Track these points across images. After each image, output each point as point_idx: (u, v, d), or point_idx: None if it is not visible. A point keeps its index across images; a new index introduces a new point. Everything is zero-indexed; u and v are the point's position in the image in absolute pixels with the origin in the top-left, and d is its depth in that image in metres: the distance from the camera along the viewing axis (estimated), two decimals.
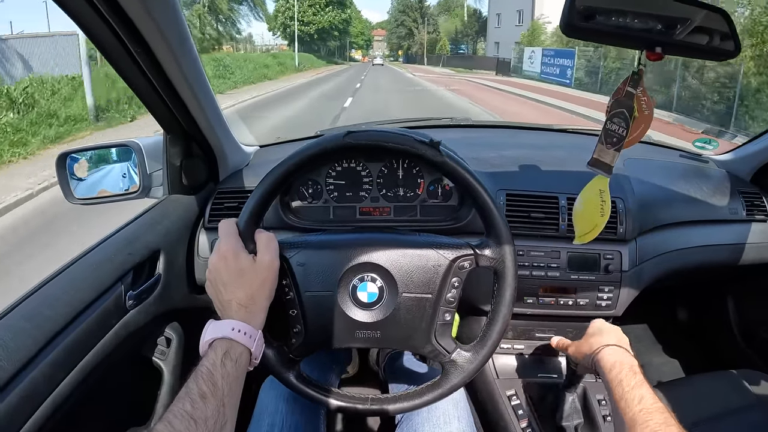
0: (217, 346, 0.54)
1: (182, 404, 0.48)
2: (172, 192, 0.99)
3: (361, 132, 0.63)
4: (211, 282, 0.61)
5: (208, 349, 0.55)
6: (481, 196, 0.63)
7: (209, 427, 0.47)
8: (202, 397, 0.49)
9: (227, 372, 0.52)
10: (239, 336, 0.56)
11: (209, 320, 0.58)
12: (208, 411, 0.48)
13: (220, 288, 0.60)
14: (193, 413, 0.47)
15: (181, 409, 0.47)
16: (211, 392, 0.49)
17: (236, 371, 0.54)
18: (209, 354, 0.54)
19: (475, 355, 0.65)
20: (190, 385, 0.50)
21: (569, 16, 0.62)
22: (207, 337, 0.56)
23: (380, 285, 0.65)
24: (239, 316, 0.58)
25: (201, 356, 0.55)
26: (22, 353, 0.59)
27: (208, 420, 0.48)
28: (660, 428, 0.54)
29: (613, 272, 0.96)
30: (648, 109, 0.73)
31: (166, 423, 0.46)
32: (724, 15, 0.67)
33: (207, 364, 0.52)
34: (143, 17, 0.64)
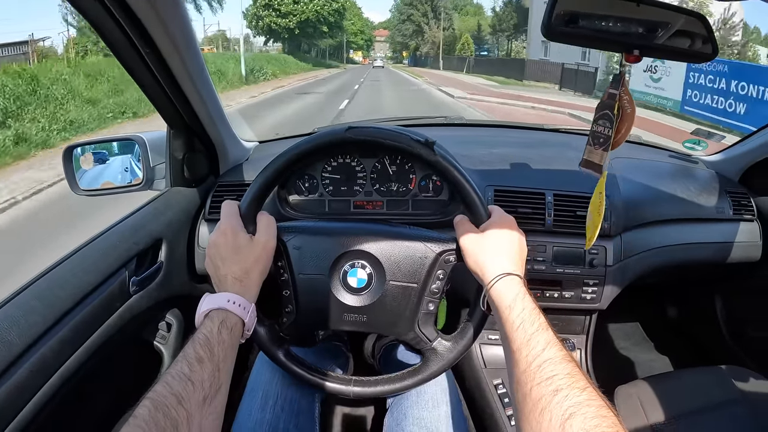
0: (214, 316, 0.57)
1: (180, 366, 0.49)
2: (174, 184, 1.03)
3: (362, 128, 0.67)
4: (210, 257, 0.64)
5: (204, 319, 0.57)
6: (470, 196, 0.66)
7: (205, 389, 0.49)
8: (199, 360, 0.51)
9: (223, 339, 0.55)
10: (234, 307, 0.58)
11: (205, 293, 0.61)
12: (205, 374, 0.50)
13: (218, 262, 0.63)
14: (190, 375, 0.49)
15: (179, 371, 0.49)
16: (207, 357, 0.52)
17: (231, 339, 0.56)
18: (206, 323, 0.56)
19: (454, 344, 0.69)
20: (188, 350, 0.52)
21: (550, 20, 0.65)
22: (203, 308, 0.58)
23: (369, 272, 0.68)
24: (234, 289, 0.60)
25: (197, 326, 0.57)
26: (33, 330, 0.63)
27: (204, 382, 0.49)
28: (565, 381, 0.46)
29: (597, 267, 0.99)
30: (630, 107, 0.76)
31: (164, 383, 0.47)
32: (703, 19, 0.70)
33: (204, 332, 0.54)
34: (152, 18, 0.68)
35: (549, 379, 0.47)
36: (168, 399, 0.46)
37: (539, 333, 0.52)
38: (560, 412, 0.44)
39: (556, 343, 0.51)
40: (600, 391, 0.46)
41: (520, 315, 0.55)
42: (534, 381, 0.48)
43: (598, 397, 0.45)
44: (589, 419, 0.42)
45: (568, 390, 0.45)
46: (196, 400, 0.48)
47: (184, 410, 0.46)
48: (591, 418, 0.42)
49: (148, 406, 0.45)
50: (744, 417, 0.96)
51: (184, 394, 0.47)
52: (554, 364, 0.48)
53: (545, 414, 0.44)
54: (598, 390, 0.46)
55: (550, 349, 0.50)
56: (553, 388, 0.46)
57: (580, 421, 0.42)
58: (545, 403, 0.45)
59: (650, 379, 1.06)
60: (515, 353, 0.53)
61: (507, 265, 0.61)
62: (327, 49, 53.63)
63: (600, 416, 0.42)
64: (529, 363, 0.50)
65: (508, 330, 0.55)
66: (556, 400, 0.45)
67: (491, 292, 0.60)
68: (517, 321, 0.55)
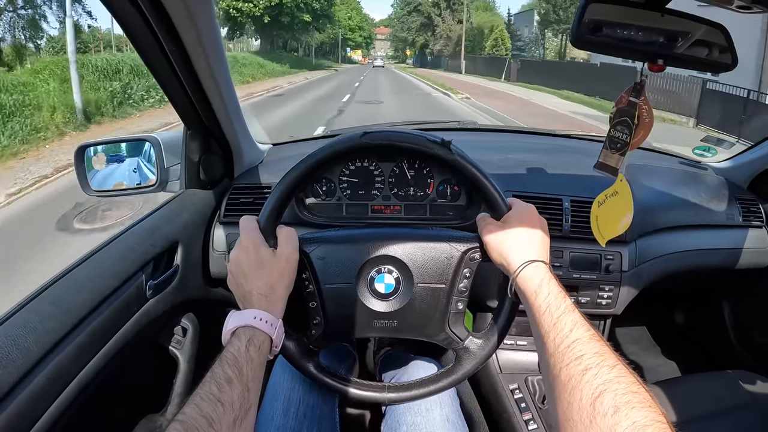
0: (241, 334, 0.56)
1: (209, 387, 0.49)
2: (189, 186, 1.03)
3: (377, 132, 0.67)
4: (232, 274, 0.63)
5: (231, 338, 0.56)
6: (489, 191, 0.67)
7: (235, 411, 0.48)
8: (228, 381, 0.50)
9: (251, 358, 0.54)
10: (261, 324, 0.57)
11: (231, 310, 0.60)
12: (234, 395, 0.49)
13: (241, 280, 0.62)
14: (220, 396, 0.48)
15: (208, 392, 0.48)
16: (236, 377, 0.51)
17: (259, 357, 0.55)
18: (233, 341, 0.55)
19: (486, 342, 0.69)
20: (216, 370, 0.51)
21: (578, 29, 0.66)
22: (230, 326, 0.57)
23: (396, 276, 0.68)
24: (260, 305, 0.59)
25: (224, 345, 0.56)
26: (50, 336, 0.61)
27: (234, 403, 0.49)
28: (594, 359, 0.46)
29: (613, 272, 1.00)
30: (649, 117, 0.77)
31: (193, 405, 0.46)
32: (723, 30, 0.71)
33: (232, 351, 0.53)
34: (182, 14, 0.67)
35: (578, 359, 0.47)
36: (198, 422, 0.45)
37: (566, 315, 0.52)
38: (590, 391, 0.43)
39: (584, 324, 0.51)
40: (630, 368, 0.46)
41: (546, 299, 0.55)
42: (563, 362, 0.48)
43: (629, 373, 0.45)
44: (620, 395, 0.42)
45: (597, 369, 0.45)
46: (226, 421, 0.47)
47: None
48: (622, 395, 0.42)
49: (178, 429, 0.44)
50: (754, 422, 0.96)
51: (215, 416, 0.46)
52: (582, 344, 0.48)
53: (575, 393, 0.44)
54: (628, 367, 0.46)
55: (577, 330, 0.50)
56: (582, 368, 0.46)
57: (610, 398, 0.42)
58: (575, 383, 0.45)
59: (659, 384, 1.07)
60: (544, 337, 0.53)
61: (531, 253, 0.61)
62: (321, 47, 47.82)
63: (631, 392, 0.42)
64: (557, 345, 0.50)
65: (536, 315, 0.55)
66: (585, 379, 0.45)
67: (517, 280, 0.60)
68: (544, 305, 0.55)
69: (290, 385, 0.78)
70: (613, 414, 0.41)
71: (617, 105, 0.79)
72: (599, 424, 0.41)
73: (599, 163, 0.82)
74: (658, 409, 0.41)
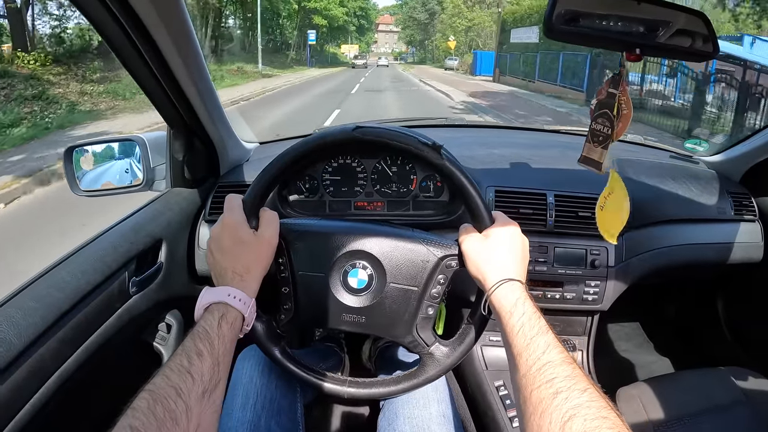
0: (214, 310, 0.56)
1: (179, 360, 0.49)
2: (174, 185, 1.03)
3: (370, 128, 0.67)
4: (211, 250, 0.63)
5: (204, 313, 0.57)
6: (474, 201, 0.66)
7: (204, 383, 0.49)
8: (198, 354, 0.50)
9: (223, 333, 0.54)
10: (234, 301, 0.58)
11: (204, 287, 0.60)
12: (204, 368, 0.50)
13: (219, 256, 0.62)
14: (189, 368, 0.49)
15: (178, 364, 0.49)
16: (207, 351, 0.51)
17: (231, 333, 0.56)
18: (206, 316, 0.56)
19: (452, 350, 0.68)
20: (187, 344, 0.51)
21: (550, 19, 0.65)
22: (204, 301, 0.58)
23: (370, 273, 0.68)
24: (235, 283, 0.60)
25: (196, 320, 0.57)
26: (32, 331, 0.62)
27: (204, 376, 0.49)
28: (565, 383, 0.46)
29: (599, 267, 0.99)
30: (627, 108, 0.76)
31: (163, 376, 0.47)
32: (704, 18, 0.70)
33: (204, 325, 0.54)
34: (152, 17, 0.68)
35: (549, 382, 0.47)
36: (167, 391, 0.46)
37: (539, 336, 0.52)
38: (560, 415, 0.43)
39: (557, 346, 0.51)
40: (602, 392, 0.45)
41: (520, 319, 0.55)
42: (534, 384, 0.48)
43: (600, 397, 0.44)
44: (589, 420, 0.42)
45: (568, 392, 0.45)
46: (195, 393, 0.48)
47: (183, 403, 0.46)
48: (592, 419, 0.42)
49: (146, 398, 0.44)
50: (747, 418, 0.96)
51: (184, 387, 0.47)
52: (554, 367, 0.48)
53: (545, 417, 0.44)
54: (600, 391, 0.45)
55: (550, 352, 0.50)
56: (552, 391, 0.46)
57: (580, 422, 0.42)
58: (545, 406, 0.45)
59: (652, 381, 1.06)
60: (516, 358, 0.52)
61: (508, 271, 0.60)
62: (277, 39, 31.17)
63: (601, 417, 0.42)
64: (530, 367, 0.50)
65: (508, 335, 0.55)
66: (555, 402, 0.44)
67: (492, 298, 0.59)
68: (517, 325, 0.54)
69: (249, 378, 0.78)
70: None
71: (597, 97, 0.78)
72: None
73: (583, 157, 0.82)
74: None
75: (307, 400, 0.86)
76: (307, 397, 0.85)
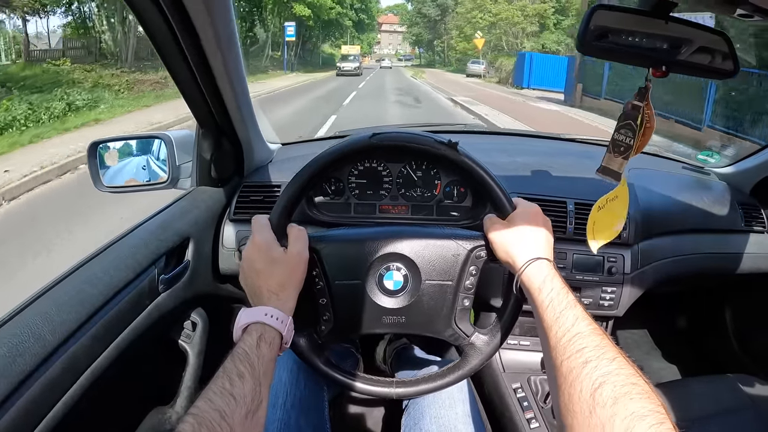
0: (252, 330, 0.57)
1: (222, 382, 0.50)
2: (200, 183, 1.05)
3: (386, 134, 0.69)
4: (244, 271, 0.64)
5: (242, 334, 0.57)
6: (495, 190, 0.68)
7: (247, 404, 0.49)
8: (239, 376, 0.51)
9: (262, 354, 0.55)
10: (272, 321, 0.58)
11: (242, 308, 0.61)
12: (246, 389, 0.50)
13: (253, 277, 0.63)
14: (232, 390, 0.49)
15: (220, 387, 0.49)
16: (249, 372, 0.52)
17: (270, 353, 0.56)
18: (245, 338, 0.56)
19: (491, 338, 0.70)
20: (228, 366, 0.52)
21: (584, 35, 0.67)
22: (242, 322, 0.58)
23: (405, 273, 0.70)
24: (271, 302, 0.61)
25: (235, 341, 0.57)
26: (65, 327, 0.63)
27: (246, 397, 0.50)
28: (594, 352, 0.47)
29: (615, 274, 1.01)
30: (650, 121, 0.78)
31: (206, 399, 0.47)
32: (725, 37, 0.72)
33: (244, 347, 0.55)
34: (200, 11, 0.69)
35: (578, 352, 0.48)
36: (211, 415, 0.46)
37: (568, 309, 0.54)
38: (590, 382, 0.44)
39: (585, 318, 0.52)
40: (631, 360, 0.47)
41: (549, 295, 0.56)
42: (564, 355, 0.49)
43: (628, 365, 0.46)
44: (619, 387, 0.43)
45: (597, 361, 0.46)
46: (239, 415, 0.48)
47: (228, 425, 0.46)
48: (621, 386, 0.43)
49: (191, 422, 0.45)
50: (754, 423, 0.98)
51: (227, 409, 0.47)
52: (583, 338, 0.49)
53: (576, 385, 0.45)
54: (628, 359, 0.47)
55: (579, 324, 0.51)
56: (582, 360, 0.47)
57: (610, 389, 0.43)
58: (575, 375, 0.46)
59: (660, 387, 1.08)
60: (547, 331, 0.54)
61: (535, 251, 0.62)
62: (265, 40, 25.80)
63: (630, 383, 0.43)
64: (559, 339, 0.51)
65: (539, 310, 0.57)
66: (585, 371, 0.46)
67: (522, 277, 0.61)
68: (547, 300, 0.56)
69: (278, 377, 0.79)
70: (612, 404, 0.42)
71: (624, 110, 0.81)
72: (599, 414, 0.42)
73: (602, 167, 0.83)
74: (656, 400, 0.42)
75: (330, 397, 0.87)
76: (330, 394, 0.87)
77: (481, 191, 0.71)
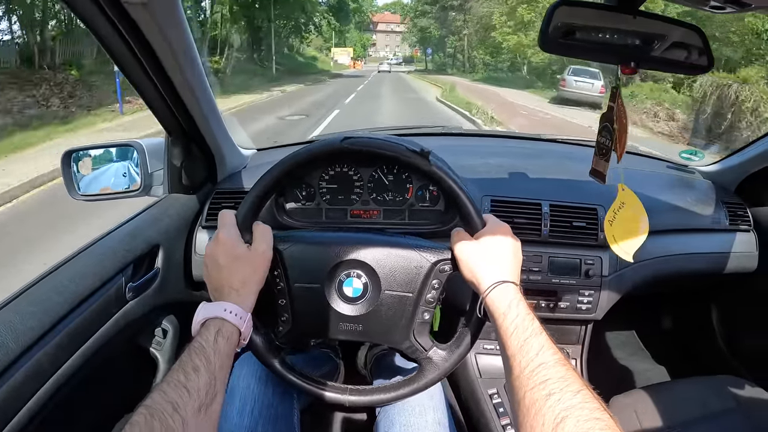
0: (210, 325, 0.57)
1: (176, 375, 0.50)
2: (172, 191, 1.04)
3: (358, 138, 0.68)
4: (207, 266, 0.64)
5: (200, 328, 0.58)
6: (465, 206, 0.66)
7: (201, 398, 0.49)
8: (195, 369, 0.51)
9: (219, 348, 0.55)
10: (230, 316, 0.59)
11: (201, 303, 0.61)
12: (201, 382, 0.51)
13: (215, 273, 0.63)
14: (186, 383, 0.49)
15: (175, 380, 0.49)
16: (204, 366, 0.52)
17: (227, 348, 0.57)
18: (202, 332, 0.56)
19: (450, 354, 0.69)
20: (184, 359, 0.52)
21: (546, 32, 0.66)
22: (200, 317, 0.59)
23: (365, 281, 0.68)
24: (231, 298, 0.61)
25: (193, 335, 0.57)
26: (29, 335, 0.63)
27: (200, 390, 0.50)
28: (558, 384, 0.46)
29: (593, 277, 1.00)
30: (625, 119, 0.77)
31: (160, 391, 0.48)
32: (699, 32, 0.71)
33: (200, 341, 0.55)
34: (150, 26, 0.68)
35: (542, 384, 0.47)
36: (164, 406, 0.47)
37: (532, 338, 0.53)
38: (553, 416, 0.44)
39: (550, 347, 0.52)
40: (596, 393, 0.46)
41: (513, 321, 0.55)
42: (528, 386, 0.48)
43: (593, 399, 0.45)
44: (582, 421, 0.42)
45: (561, 393, 0.46)
46: (191, 407, 0.48)
47: (180, 417, 0.47)
48: (585, 420, 0.42)
49: (144, 413, 0.45)
50: (740, 427, 0.96)
51: (180, 401, 0.48)
52: (547, 369, 0.49)
53: (538, 418, 0.45)
54: (593, 392, 0.46)
55: (544, 353, 0.51)
56: (546, 392, 0.46)
57: (572, 423, 0.42)
58: (538, 407, 0.45)
59: (646, 389, 1.07)
60: (510, 359, 0.53)
61: (501, 273, 0.61)
62: None
63: (594, 418, 0.43)
64: (523, 368, 0.50)
65: (503, 337, 0.56)
66: (548, 403, 0.45)
67: (487, 300, 0.60)
68: (511, 327, 0.55)
69: (246, 384, 0.79)
70: None
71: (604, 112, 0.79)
72: None
73: (592, 170, 0.84)
74: None
75: (302, 405, 0.86)
76: (302, 402, 0.86)
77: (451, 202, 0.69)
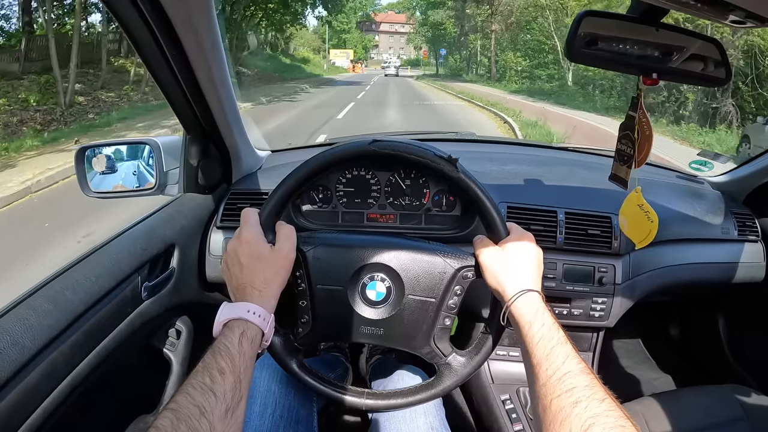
0: (234, 326, 0.56)
1: (201, 377, 0.49)
2: (187, 190, 1.03)
3: (387, 142, 0.68)
4: (227, 264, 0.63)
5: (223, 329, 0.56)
6: (490, 213, 0.67)
7: (227, 401, 0.48)
8: (220, 372, 0.50)
9: (244, 350, 0.54)
10: (254, 317, 0.58)
11: (223, 303, 0.60)
12: (227, 385, 0.49)
13: (237, 271, 0.62)
14: (212, 386, 0.48)
15: (200, 382, 0.48)
16: (229, 368, 0.51)
17: (251, 350, 0.56)
18: (226, 333, 0.55)
19: (469, 360, 0.69)
20: (208, 361, 0.51)
21: (573, 42, 0.67)
22: (222, 318, 0.57)
23: (388, 285, 0.68)
24: (253, 299, 0.60)
25: (215, 335, 0.56)
26: (46, 334, 0.62)
27: (227, 393, 0.49)
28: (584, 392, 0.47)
29: (606, 284, 1.00)
30: (648, 130, 0.77)
31: (185, 394, 0.47)
32: (717, 44, 0.72)
33: (225, 342, 0.54)
34: (183, 22, 0.68)
35: (569, 392, 0.48)
36: (190, 410, 0.46)
37: (558, 347, 0.54)
38: (579, 423, 0.45)
39: (575, 356, 0.52)
40: (619, 402, 0.47)
41: (539, 330, 0.56)
42: (554, 394, 0.49)
43: (617, 407, 0.46)
44: (608, 429, 0.44)
45: (588, 401, 0.46)
46: (218, 411, 0.47)
47: (207, 421, 0.46)
48: (610, 428, 0.44)
49: (170, 417, 0.44)
50: None
51: (207, 405, 0.47)
52: (574, 377, 0.50)
53: (565, 425, 0.46)
54: (616, 401, 0.47)
55: (570, 362, 0.52)
56: (572, 400, 0.47)
57: (599, 430, 0.43)
58: (565, 415, 0.46)
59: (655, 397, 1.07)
60: (536, 367, 0.54)
61: (526, 282, 0.62)
62: None
63: (619, 426, 0.44)
64: (549, 376, 0.51)
65: (528, 345, 0.56)
66: (575, 411, 0.46)
67: (512, 309, 0.60)
68: (537, 336, 0.56)
69: (267, 387, 0.78)
70: None
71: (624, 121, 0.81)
72: None
73: (612, 175, 0.85)
74: None
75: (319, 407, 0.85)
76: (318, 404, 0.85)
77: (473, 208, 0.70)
